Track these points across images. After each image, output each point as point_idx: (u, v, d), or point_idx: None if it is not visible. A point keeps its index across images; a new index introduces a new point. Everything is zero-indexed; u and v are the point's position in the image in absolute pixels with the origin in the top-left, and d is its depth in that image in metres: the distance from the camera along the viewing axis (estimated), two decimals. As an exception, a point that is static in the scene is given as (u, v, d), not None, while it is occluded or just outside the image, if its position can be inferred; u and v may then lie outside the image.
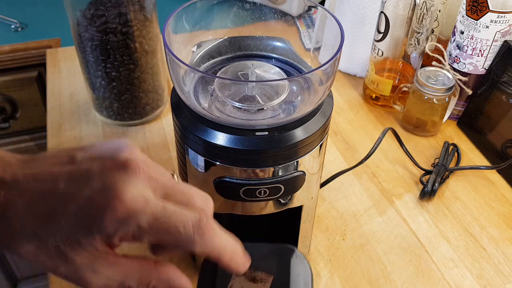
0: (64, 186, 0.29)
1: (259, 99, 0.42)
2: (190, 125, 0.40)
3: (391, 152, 0.73)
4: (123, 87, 0.70)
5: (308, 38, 0.50)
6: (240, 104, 0.41)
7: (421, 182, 0.67)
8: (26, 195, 0.29)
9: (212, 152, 0.40)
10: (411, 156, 0.70)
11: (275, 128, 0.39)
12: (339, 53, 0.39)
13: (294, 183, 0.43)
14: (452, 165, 0.71)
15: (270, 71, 0.45)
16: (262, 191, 0.42)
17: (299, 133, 0.40)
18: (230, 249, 0.31)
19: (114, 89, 0.70)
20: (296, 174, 0.42)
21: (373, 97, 0.81)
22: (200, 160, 0.41)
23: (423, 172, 0.69)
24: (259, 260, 0.36)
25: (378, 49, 0.76)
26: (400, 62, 0.77)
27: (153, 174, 0.30)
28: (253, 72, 0.44)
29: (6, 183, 0.29)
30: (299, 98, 0.44)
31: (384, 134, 0.66)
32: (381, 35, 0.75)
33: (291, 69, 0.47)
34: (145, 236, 0.29)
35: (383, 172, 0.70)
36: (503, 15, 0.66)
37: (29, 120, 1.07)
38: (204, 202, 0.31)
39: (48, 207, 0.29)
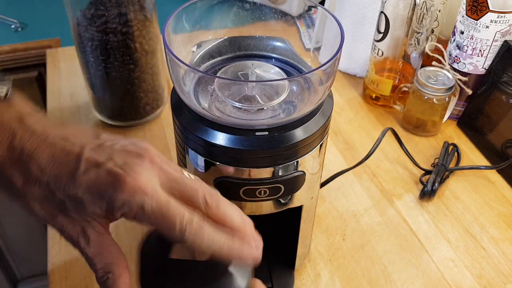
0: (89, 154, 0.33)
1: (259, 99, 0.42)
2: (190, 125, 0.40)
3: (391, 152, 0.73)
4: (123, 87, 0.70)
5: (308, 38, 0.50)
6: (240, 104, 0.41)
7: (421, 182, 0.67)
8: (52, 149, 0.33)
9: (212, 152, 0.40)
10: (411, 156, 0.70)
11: (275, 128, 0.39)
12: (339, 53, 0.39)
13: (294, 183, 0.43)
14: (452, 165, 0.71)
15: (270, 71, 0.45)
16: (262, 191, 0.42)
17: (299, 133, 0.40)
18: (226, 248, 0.32)
19: (114, 89, 0.70)
20: (296, 174, 0.42)
21: (373, 97, 0.81)
22: (200, 160, 0.41)
23: (423, 172, 0.69)
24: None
25: (378, 49, 0.76)
26: (400, 62, 0.77)
27: (164, 167, 0.33)
28: (253, 72, 0.44)
29: (36, 133, 0.33)
30: (299, 98, 0.44)
31: (383, 134, 0.66)
32: (381, 35, 0.75)
33: (291, 69, 0.47)
34: (144, 219, 0.32)
35: (383, 172, 0.70)
36: (503, 15, 0.66)
37: (29, 120, 1.06)
38: (207, 196, 0.33)
39: (69, 165, 0.32)
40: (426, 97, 0.71)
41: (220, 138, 0.39)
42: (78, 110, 0.78)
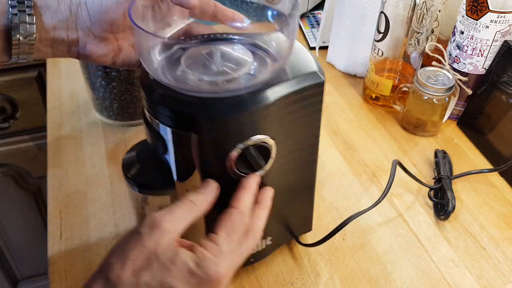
0: None
1: (226, 70, 0.43)
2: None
3: (391, 152, 0.73)
4: (123, 87, 0.70)
5: (312, 37, 0.50)
6: (207, 77, 0.42)
7: (430, 197, 0.65)
8: None
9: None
10: (418, 180, 0.66)
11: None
12: (295, 19, 0.42)
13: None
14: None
15: (235, 48, 0.46)
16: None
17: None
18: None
19: (114, 89, 0.70)
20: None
21: (373, 97, 0.81)
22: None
23: (429, 189, 0.66)
24: None
25: (378, 49, 0.76)
26: (400, 62, 0.77)
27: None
28: (217, 48, 0.45)
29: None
30: (262, 67, 0.45)
31: (394, 167, 0.62)
32: (381, 35, 0.75)
33: (256, 49, 0.48)
34: None
35: (383, 172, 0.70)
36: (503, 15, 0.66)
37: (29, 120, 1.07)
38: None
39: None
40: (426, 97, 0.71)
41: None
42: (78, 110, 0.78)
